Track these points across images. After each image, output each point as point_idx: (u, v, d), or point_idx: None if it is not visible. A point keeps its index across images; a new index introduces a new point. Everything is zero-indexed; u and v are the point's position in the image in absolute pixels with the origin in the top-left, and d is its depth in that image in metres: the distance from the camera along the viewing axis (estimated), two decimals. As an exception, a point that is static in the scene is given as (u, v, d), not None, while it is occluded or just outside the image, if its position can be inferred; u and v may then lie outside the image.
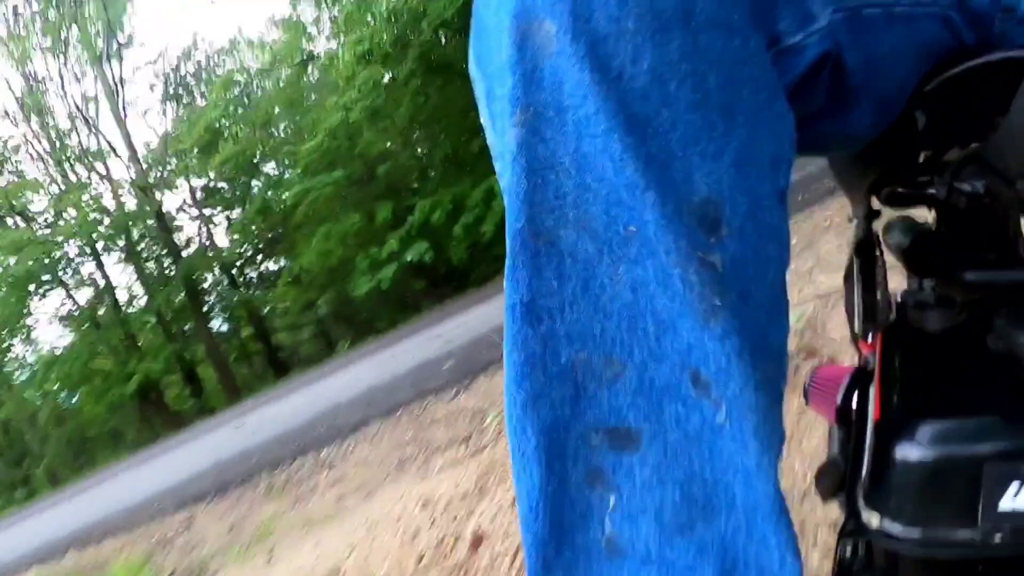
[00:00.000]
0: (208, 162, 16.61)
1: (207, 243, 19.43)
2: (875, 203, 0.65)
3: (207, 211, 19.43)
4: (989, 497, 0.39)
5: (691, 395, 0.38)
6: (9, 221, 18.10)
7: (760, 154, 0.40)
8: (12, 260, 16.51)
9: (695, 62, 0.37)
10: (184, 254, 18.82)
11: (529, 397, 0.39)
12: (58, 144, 18.53)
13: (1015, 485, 0.39)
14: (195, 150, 16.51)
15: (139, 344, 18.43)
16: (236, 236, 18.96)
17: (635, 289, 0.38)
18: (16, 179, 18.38)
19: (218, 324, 20.02)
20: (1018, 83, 0.43)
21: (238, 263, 19.89)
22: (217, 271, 19.63)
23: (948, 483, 0.42)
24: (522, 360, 0.39)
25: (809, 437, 1.73)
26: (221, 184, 18.42)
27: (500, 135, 0.39)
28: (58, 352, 18.52)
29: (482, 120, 0.42)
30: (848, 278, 0.70)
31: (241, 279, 20.31)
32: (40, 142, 18.52)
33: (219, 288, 19.93)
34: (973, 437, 0.41)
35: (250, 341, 21.20)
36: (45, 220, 17.93)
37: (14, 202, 17.64)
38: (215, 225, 19.99)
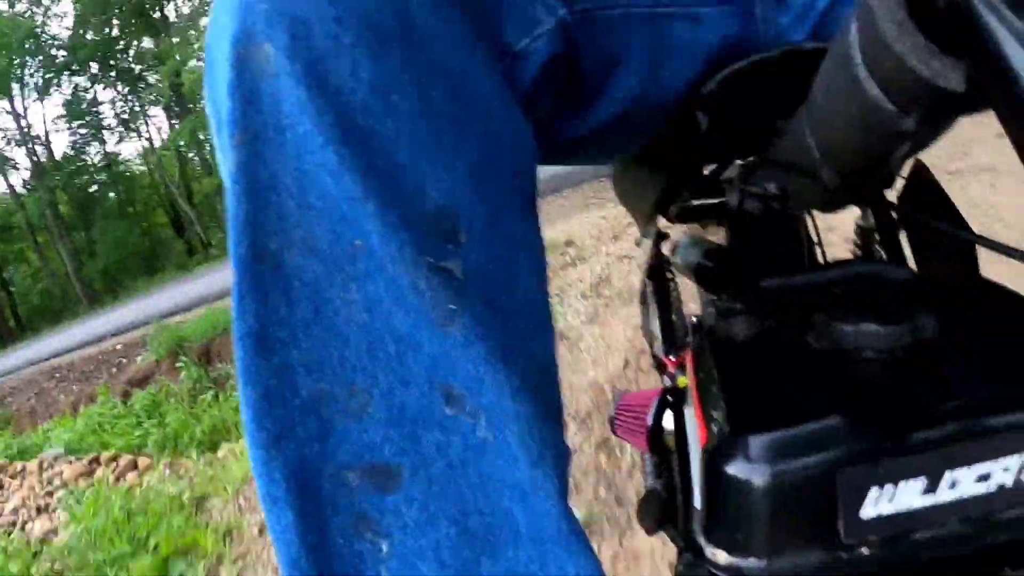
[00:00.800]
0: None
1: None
2: (662, 222, 0.64)
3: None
4: (849, 507, 0.36)
5: (447, 415, 0.36)
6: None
7: (497, 163, 0.40)
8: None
9: (417, 73, 0.36)
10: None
11: (272, 437, 0.35)
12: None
13: (875, 489, 0.36)
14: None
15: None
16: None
17: (370, 308, 0.35)
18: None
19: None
20: (802, 81, 0.42)
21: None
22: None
23: (798, 499, 0.38)
24: (258, 396, 0.35)
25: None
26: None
27: (224, 161, 0.37)
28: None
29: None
30: (643, 302, 0.68)
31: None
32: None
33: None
34: (817, 444, 0.38)
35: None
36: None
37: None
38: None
